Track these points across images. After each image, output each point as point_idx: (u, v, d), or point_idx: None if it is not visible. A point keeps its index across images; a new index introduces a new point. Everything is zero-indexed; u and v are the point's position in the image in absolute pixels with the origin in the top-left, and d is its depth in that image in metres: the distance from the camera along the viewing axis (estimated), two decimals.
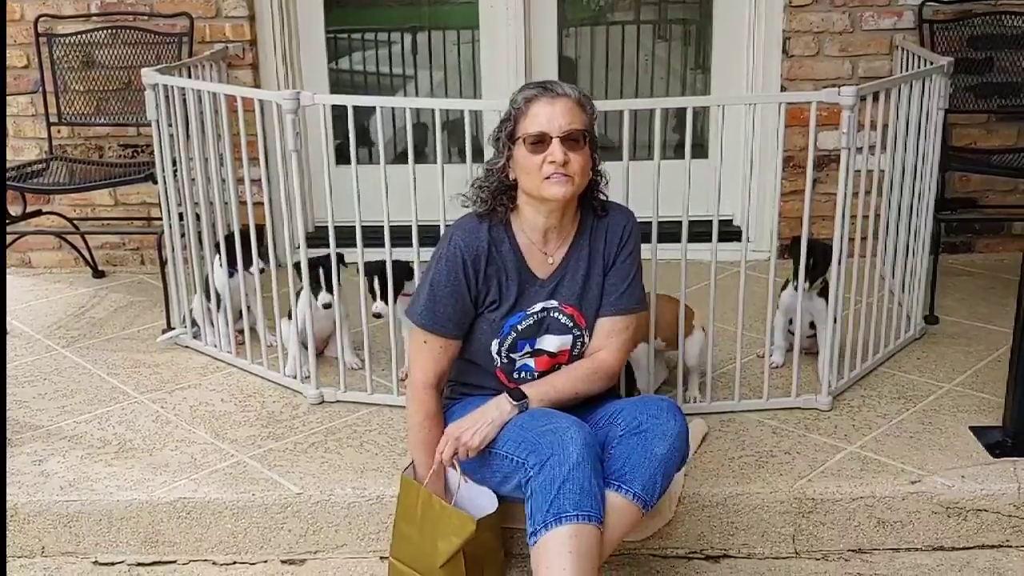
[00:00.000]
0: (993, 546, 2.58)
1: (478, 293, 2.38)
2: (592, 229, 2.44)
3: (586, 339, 2.44)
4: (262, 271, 3.18)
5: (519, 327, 2.40)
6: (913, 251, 3.35)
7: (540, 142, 2.28)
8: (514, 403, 2.30)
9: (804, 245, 2.88)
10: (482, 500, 2.32)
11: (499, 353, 2.41)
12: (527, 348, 2.42)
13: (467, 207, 2.43)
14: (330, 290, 3.05)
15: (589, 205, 2.45)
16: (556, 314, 2.41)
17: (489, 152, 2.44)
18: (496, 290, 2.38)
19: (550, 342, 2.42)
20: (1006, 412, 2.76)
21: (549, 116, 2.28)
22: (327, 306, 3.07)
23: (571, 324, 2.42)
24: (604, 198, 2.48)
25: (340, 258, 3.04)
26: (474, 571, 2.31)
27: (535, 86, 2.34)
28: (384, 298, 3.03)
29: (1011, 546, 2.58)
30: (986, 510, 2.56)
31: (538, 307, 2.40)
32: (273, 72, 4.17)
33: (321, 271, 3.05)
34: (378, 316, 3.05)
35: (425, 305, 2.37)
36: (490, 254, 2.37)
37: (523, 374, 2.44)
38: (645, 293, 2.53)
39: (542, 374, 2.43)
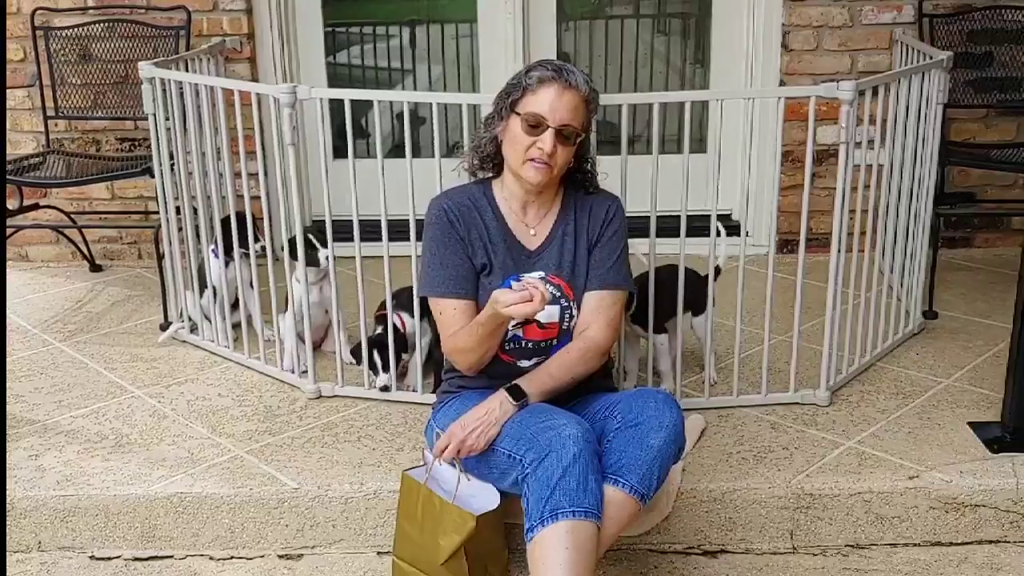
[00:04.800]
0: (991, 541, 2.58)
1: (470, 253, 2.43)
2: (576, 207, 2.49)
3: (574, 311, 2.46)
4: (262, 248, 3.15)
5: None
6: (912, 246, 3.34)
7: (536, 126, 2.32)
8: (515, 403, 2.29)
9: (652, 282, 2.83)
10: (484, 497, 2.31)
11: None
12: None
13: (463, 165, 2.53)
14: (325, 246, 3.01)
15: (575, 183, 2.50)
16: (545, 283, 2.42)
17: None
18: (483, 253, 2.44)
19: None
20: (1005, 407, 2.76)
21: (553, 105, 2.32)
22: (326, 259, 3.02)
23: (559, 294, 2.45)
24: (591, 180, 2.51)
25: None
26: (477, 568, 2.30)
27: (553, 68, 2.36)
28: (386, 369, 2.98)
29: (1009, 541, 2.58)
30: (984, 505, 2.56)
31: (525, 276, 2.42)
32: (271, 66, 4.16)
33: (312, 237, 3.06)
34: (385, 389, 3.00)
35: (430, 275, 2.43)
36: (473, 219, 2.44)
37: (514, 344, 2.45)
38: (631, 275, 2.55)
39: (533, 344, 2.44)
